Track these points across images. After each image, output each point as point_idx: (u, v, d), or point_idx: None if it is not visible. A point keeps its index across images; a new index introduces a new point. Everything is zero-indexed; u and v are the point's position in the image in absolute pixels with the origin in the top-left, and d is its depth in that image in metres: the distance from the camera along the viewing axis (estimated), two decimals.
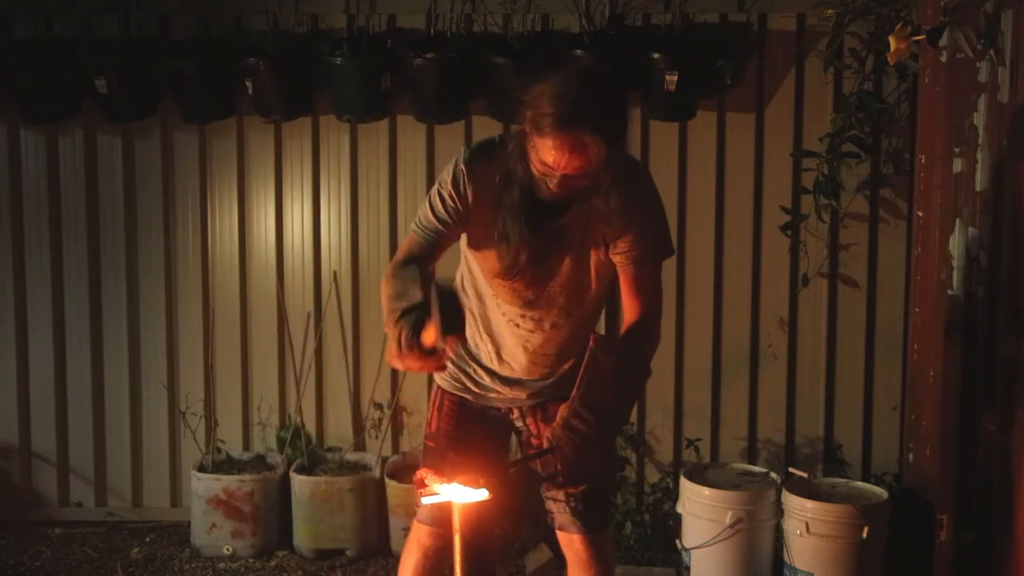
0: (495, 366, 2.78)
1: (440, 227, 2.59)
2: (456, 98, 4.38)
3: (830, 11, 4.02)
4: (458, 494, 2.33)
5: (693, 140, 4.54)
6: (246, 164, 4.66)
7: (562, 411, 2.48)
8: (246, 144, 4.64)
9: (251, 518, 4.41)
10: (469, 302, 2.76)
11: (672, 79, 4.21)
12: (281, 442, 4.64)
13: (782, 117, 4.51)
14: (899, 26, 3.47)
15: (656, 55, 4.23)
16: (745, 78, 4.46)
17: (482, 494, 2.32)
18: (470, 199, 2.57)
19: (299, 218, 4.66)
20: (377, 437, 4.63)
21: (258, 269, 4.69)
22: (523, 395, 2.79)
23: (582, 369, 2.51)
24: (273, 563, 4.38)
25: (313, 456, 4.59)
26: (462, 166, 2.58)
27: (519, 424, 2.84)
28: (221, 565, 4.36)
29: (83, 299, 4.70)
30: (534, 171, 2.46)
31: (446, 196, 2.59)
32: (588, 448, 2.45)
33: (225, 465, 4.53)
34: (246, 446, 4.74)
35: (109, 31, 4.49)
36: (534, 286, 2.64)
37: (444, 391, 2.87)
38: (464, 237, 2.70)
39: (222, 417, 4.66)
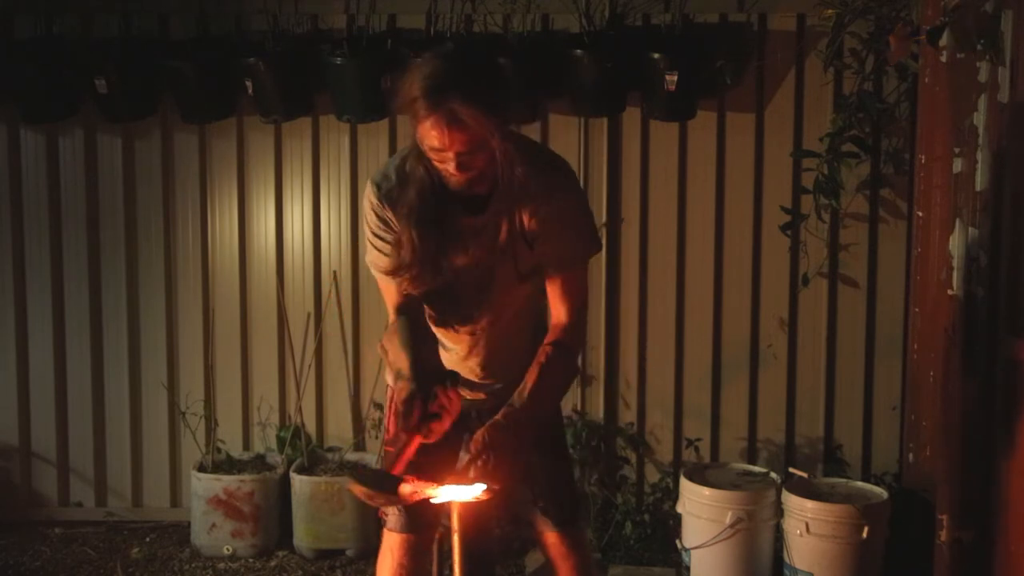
0: (450, 366, 2.75)
1: None
2: None
3: (830, 11, 4.01)
4: (453, 494, 2.32)
5: (693, 140, 4.54)
6: (246, 164, 4.66)
7: (501, 415, 2.49)
8: (246, 144, 4.65)
9: (251, 518, 4.42)
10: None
11: (672, 79, 4.21)
12: (281, 442, 4.64)
13: (782, 117, 4.51)
14: (899, 26, 3.47)
15: (656, 55, 4.23)
16: (745, 78, 4.46)
17: (478, 490, 2.31)
18: (394, 223, 2.56)
19: (299, 218, 4.66)
20: (377, 437, 4.62)
21: (258, 269, 4.69)
22: (481, 395, 2.77)
23: (536, 372, 2.53)
24: (273, 563, 4.39)
25: (313, 456, 4.59)
26: (373, 200, 2.57)
27: (477, 426, 2.73)
28: (221, 565, 4.36)
29: (83, 299, 4.71)
30: (435, 165, 2.45)
31: (384, 233, 2.58)
32: (503, 453, 2.44)
33: (225, 465, 4.53)
34: (246, 446, 4.74)
35: (109, 31, 4.48)
36: (470, 288, 2.61)
37: None
38: None
39: (222, 417, 4.66)
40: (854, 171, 4.37)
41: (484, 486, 2.32)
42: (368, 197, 2.60)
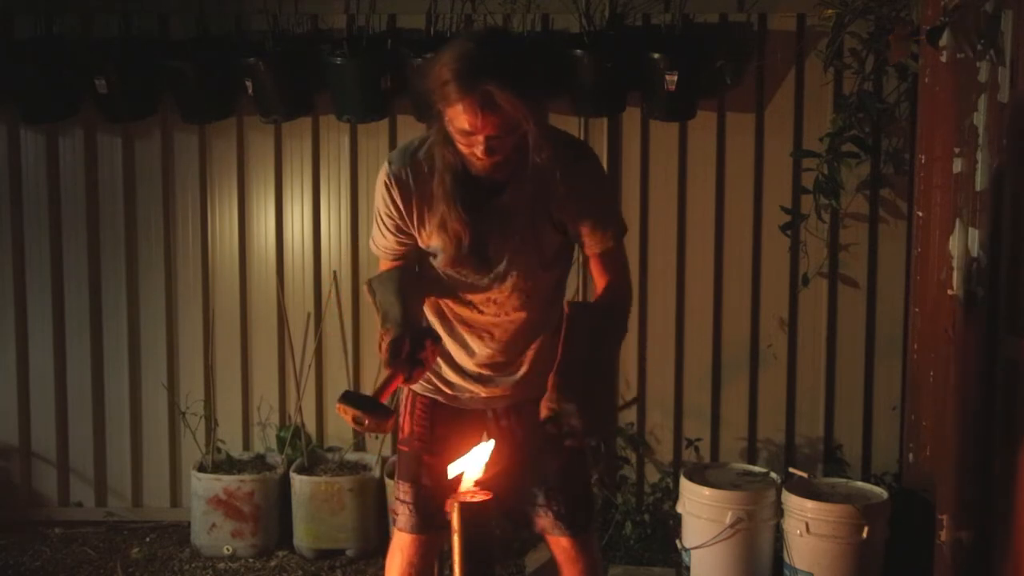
0: (464, 363, 2.74)
1: (398, 247, 2.62)
2: None
3: (830, 11, 4.02)
4: (472, 461, 2.27)
5: (693, 140, 4.54)
6: (246, 164, 4.66)
7: (551, 378, 2.44)
8: (246, 144, 4.65)
9: (251, 518, 4.42)
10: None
11: (672, 79, 4.21)
12: (281, 442, 4.64)
13: (782, 117, 4.51)
14: (899, 26, 3.47)
15: (656, 55, 4.23)
16: (745, 78, 4.46)
17: (489, 447, 2.25)
18: (403, 207, 2.55)
19: (299, 218, 4.66)
20: (377, 437, 4.62)
21: (258, 269, 4.69)
22: (497, 392, 2.75)
23: (563, 333, 2.50)
24: (273, 563, 4.39)
25: (313, 456, 4.59)
26: (385, 179, 2.56)
27: (494, 426, 2.78)
28: (221, 565, 4.36)
29: (83, 299, 4.71)
30: (461, 149, 2.43)
31: (385, 217, 2.58)
32: (586, 402, 2.40)
33: (225, 465, 4.53)
34: (246, 446, 4.74)
35: (109, 31, 4.48)
36: (487, 270, 2.59)
37: (415, 394, 2.82)
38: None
39: (222, 417, 4.67)
40: (854, 171, 4.37)
41: (492, 444, 2.26)
42: (381, 176, 2.58)
